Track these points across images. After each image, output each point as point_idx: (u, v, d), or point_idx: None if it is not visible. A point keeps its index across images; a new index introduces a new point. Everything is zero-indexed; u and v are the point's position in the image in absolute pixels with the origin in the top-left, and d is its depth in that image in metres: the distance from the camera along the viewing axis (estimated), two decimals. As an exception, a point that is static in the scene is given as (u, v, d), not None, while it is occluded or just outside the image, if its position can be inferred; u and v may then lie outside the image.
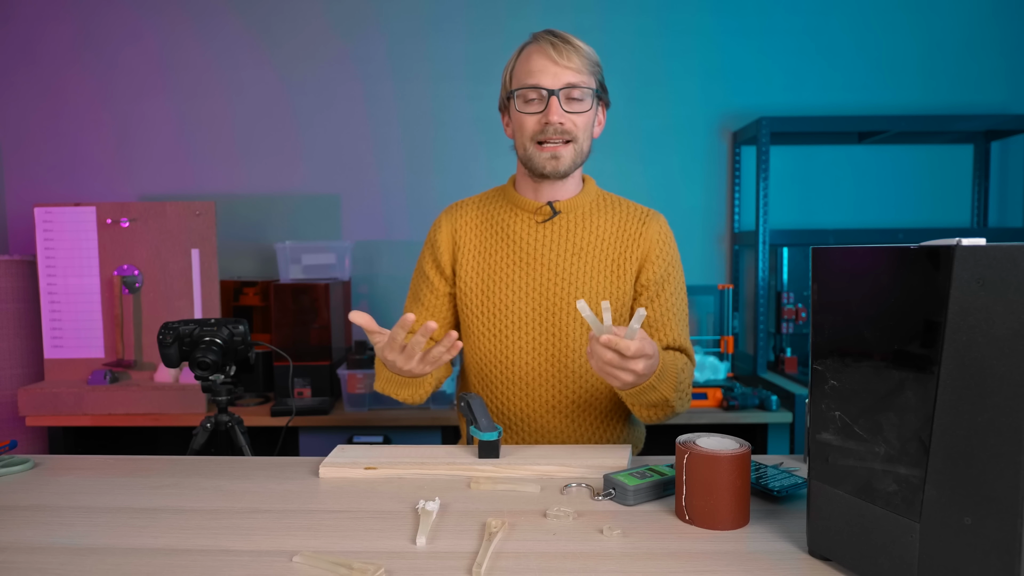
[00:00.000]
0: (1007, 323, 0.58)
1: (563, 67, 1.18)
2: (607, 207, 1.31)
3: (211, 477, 1.09)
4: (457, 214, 1.35)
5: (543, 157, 1.22)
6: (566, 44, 1.19)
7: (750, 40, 2.74)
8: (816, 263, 0.76)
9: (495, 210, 1.32)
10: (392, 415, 2.24)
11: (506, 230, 1.29)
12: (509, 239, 1.29)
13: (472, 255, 1.31)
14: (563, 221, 1.28)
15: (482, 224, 1.32)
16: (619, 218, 1.29)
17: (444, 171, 2.79)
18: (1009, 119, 2.46)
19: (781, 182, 2.77)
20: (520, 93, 1.22)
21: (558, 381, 1.26)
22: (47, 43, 2.78)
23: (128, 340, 2.35)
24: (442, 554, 0.81)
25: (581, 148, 1.24)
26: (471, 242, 1.31)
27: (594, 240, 1.27)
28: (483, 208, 1.34)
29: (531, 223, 1.28)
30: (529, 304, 1.26)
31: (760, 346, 2.56)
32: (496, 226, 1.31)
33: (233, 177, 2.80)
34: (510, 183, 1.34)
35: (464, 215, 1.34)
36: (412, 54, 2.76)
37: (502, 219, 1.31)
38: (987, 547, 0.60)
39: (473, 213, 1.34)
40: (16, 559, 0.81)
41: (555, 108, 1.18)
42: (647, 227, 1.28)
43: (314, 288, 2.39)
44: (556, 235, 1.27)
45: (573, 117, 1.20)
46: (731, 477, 0.85)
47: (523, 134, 1.23)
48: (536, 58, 1.20)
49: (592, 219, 1.28)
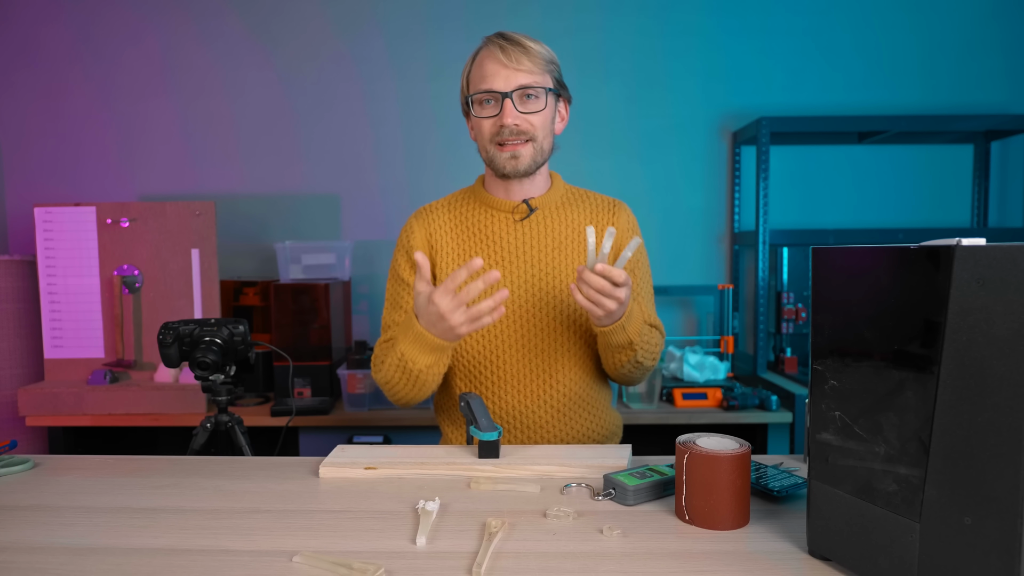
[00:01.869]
0: (1007, 323, 0.58)
1: (513, 69, 1.21)
2: (577, 201, 1.35)
3: (211, 477, 1.09)
4: (429, 217, 1.35)
5: (503, 158, 1.25)
6: (515, 46, 1.21)
7: (750, 40, 2.74)
8: (816, 263, 0.76)
9: (468, 211, 1.34)
10: (392, 415, 2.24)
11: (484, 230, 1.31)
12: (488, 239, 1.31)
13: (451, 257, 1.32)
14: (539, 218, 1.31)
15: (457, 226, 1.33)
16: (590, 210, 1.34)
17: (444, 171, 2.79)
18: (1009, 119, 2.46)
19: (781, 182, 2.77)
20: (476, 98, 1.25)
21: (548, 376, 1.28)
22: (47, 43, 2.78)
23: (128, 340, 2.36)
24: (442, 554, 0.81)
25: (541, 146, 1.26)
26: (448, 244, 1.32)
27: (570, 233, 1.31)
28: (454, 210, 1.35)
29: (508, 222, 1.31)
30: (514, 301, 1.28)
31: (760, 346, 2.56)
32: (472, 227, 1.32)
33: (233, 177, 2.80)
34: (479, 184, 1.37)
35: (436, 218, 1.35)
36: (412, 54, 2.76)
37: (477, 220, 1.32)
38: (987, 547, 0.60)
39: (445, 215, 1.35)
40: (16, 559, 0.81)
41: (509, 110, 1.22)
42: (617, 217, 1.35)
43: (314, 288, 2.39)
44: (534, 232, 1.30)
45: (528, 117, 1.23)
46: (731, 477, 0.85)
47: (483, 137, 1.27)
48: (487, 63, 1.23)
49: (565, 213, 1.33)
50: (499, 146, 1.25)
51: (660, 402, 2.36)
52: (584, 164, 2.74)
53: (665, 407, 2.32)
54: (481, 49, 1.27)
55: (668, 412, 2.27)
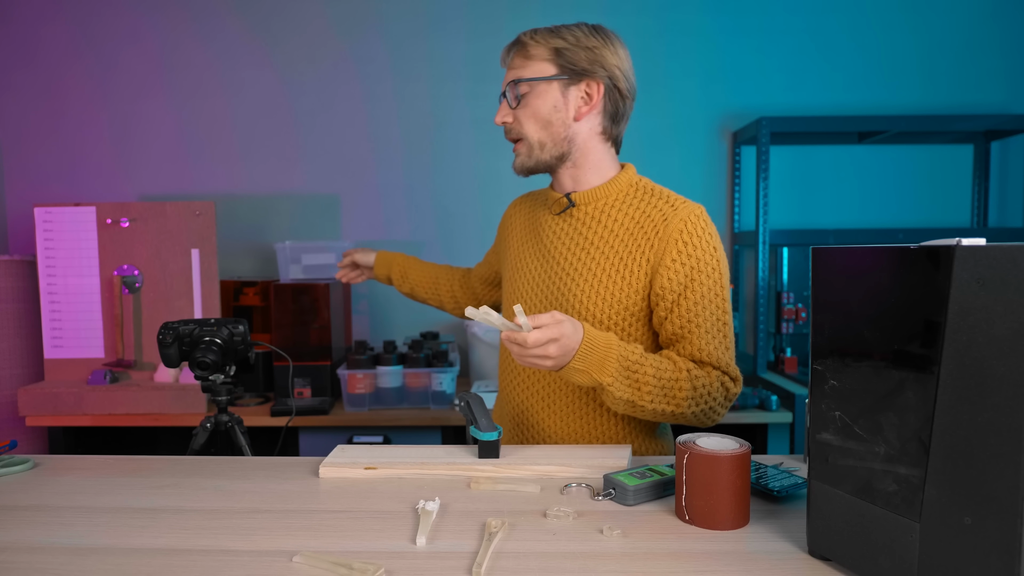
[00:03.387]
0: (1007, 323, 0.58)
1: (508, 68, 1.23)
2: (634, 200, 1.21)
3: (211, 477, 1.09)
4: (516, 203, 1.42)
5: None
6: (515, 44, 1.22)
7: (750, 40, 2.74)
8: (816, 263, 0.76)
9: (539, 201, 1.36)
10: (392, 415, 2.24)
11: (535, 222, 1.33)
12: (532, 231, 1.33)
13: (510, 245, 1.37)
14: (579, 214, 1.24)
15: (526, 215, 1.37)
16: (641, 213, 1.19)
17: (444, 171, 2.79)
18: (1009, 119, 2.46)
19: (781, 182, 2.77)
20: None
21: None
22: (47, 43, 2.78)
23: (128, 340, 2.35)
24: (442, 554, 0.81)
25: (537, 141, 1.20)
26: (514, 233, 1.38)
27: (606, 235, 1.20)
28: (534, 198, 1.38)
29: (549, 215, 1.30)
30: (538, 296, 1.26)
31: (760, 346, 2.56)
32: (532, 218, 1.35)
33: (233, 177, 2.80)
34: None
35: (519, 205, 1.41)
36: (412, 54, 2.76)
37: (535, 211, 1.35)
38: (987, 547, 0.60)
39: (527, 204, 1.39)
40: (16, 559, 0.81)
41: (499, 111, 1.24)
42: (668, 225, 1.15)
43: (314, 288, 2.39)
44: (568, 228, 1.25)
45: (516, 113, 1.22)
46: (731, 477, 0.85)
47: None
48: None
49: (610, 213, 1.21)
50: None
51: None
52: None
53: (665, 407, 2.31)
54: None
55: (668, 412, 2.27)
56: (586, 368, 1.04)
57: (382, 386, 2.28)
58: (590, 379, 1.05)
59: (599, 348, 1.04)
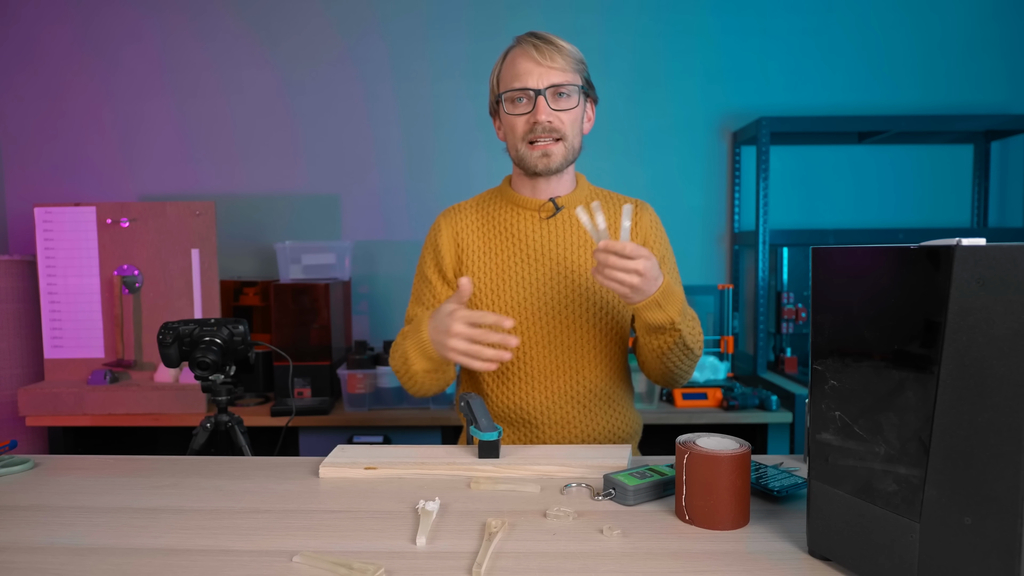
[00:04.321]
0: (1007, 323, 0.58)
1: (547, 67, 1.22)
2: (601, 201, 1.35)
3: (211, 477, 1.09)
4: (456, 217, 1.36)
5: (535, 156, 1.25)
6: (548, 45, 1.22)
7: (750, 40, 2.74)
8: (816, 263, 0.76)
9: (495, 210, 1.35)
10: (392, 415, 2.24)
11: (510, 229, 1.32)
12: (514, 237, 1.31)
13: (478, 255, 1.33)
14: (565, 216, 1.32)
15: (484, 225, 1.34)
16: (615, 210, 1.35)
17: (444, 171, 2.79)
18: (1009, 119, 2.46)
19: (781, 182, 2.77)
20: (508, 96, 1.25)
21: (574, 372, 1.29)
22: (47, 43, 2.78)
23: (128, 340, 2.35)
24: (442, 554, 0.81)
25: (572, 145, 1.27)
26: (475, 243, 1.33)
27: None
28: (482, 209, 1.36)
29: (534, 220, 1.31)
30: (540, 299, 1.28)
31: (760, 346, 2.56)
32: (499, 226, 1.33)
33: (233, 177, 2.80)
34: (506, 184, 1.37)
35: (464, 217, 1.36)
36: (412, 54, 2.76)
37: (504, 218, 1.33)
38: (987, 547, 0.60)
39: (473, 215, 1.36)
40: (16, 559, 0.81)
41: (542, 107, 1.22)
42: (641, 217, 1.35)
43: (314, 288, 2.39)
44: (560, 230, 1.31)
45: (560, 115, 1.23)
46: (731, 477, 0.85)
47: (514, 135, 1.27)
48: (520, 61, 1.24)
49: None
50: (530, 144, 1.25)
51: (660, 402, 2.36)
52: (584, 164, 2.73)
53: (665, 407, 2.32)
54: (513, 48, 1.27)
55: (668, 412, 2.27)
56: (662, 300, 1.13)
57: (382, 386, 2.28)
58: (663, 315, 1.15)
59: (674, 291, 1.16)
